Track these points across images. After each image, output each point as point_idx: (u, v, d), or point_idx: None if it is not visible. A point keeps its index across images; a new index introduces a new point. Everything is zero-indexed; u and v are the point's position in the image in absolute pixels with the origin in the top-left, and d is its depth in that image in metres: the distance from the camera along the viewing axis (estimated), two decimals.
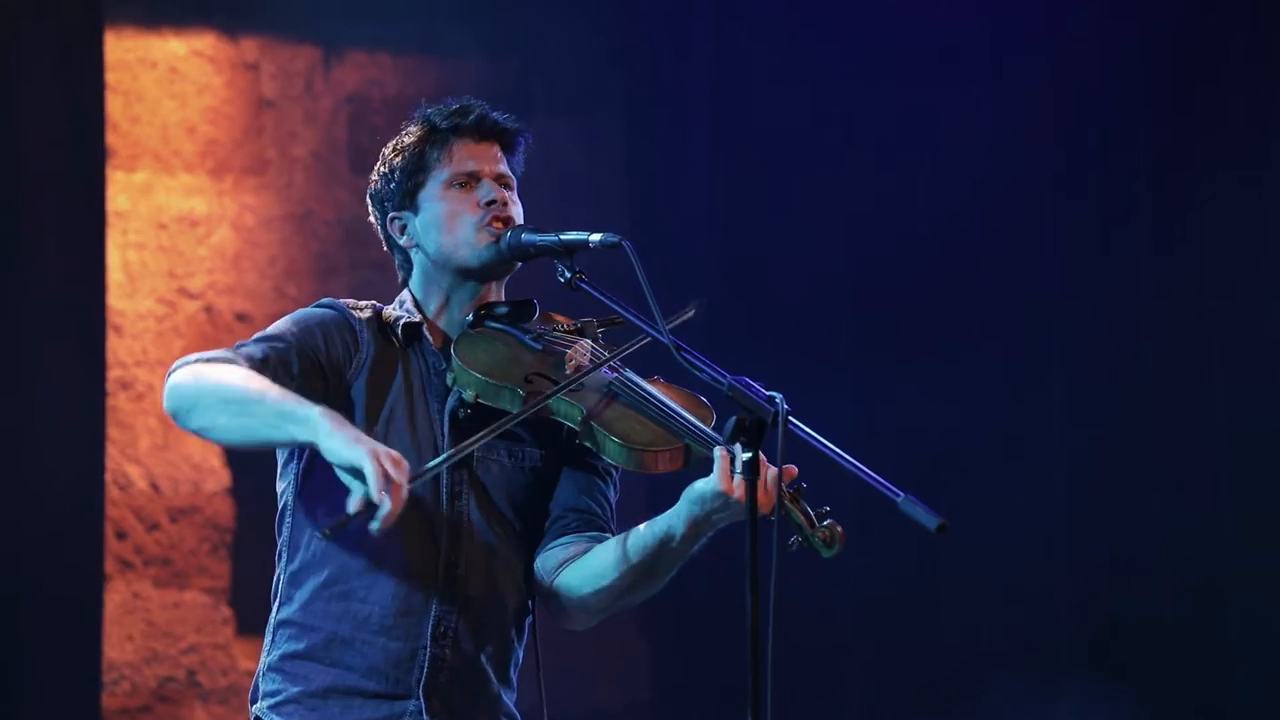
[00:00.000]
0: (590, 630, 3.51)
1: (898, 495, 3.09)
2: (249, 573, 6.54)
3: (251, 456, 3.36)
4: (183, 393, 3.25)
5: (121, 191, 6.56)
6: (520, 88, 6.79)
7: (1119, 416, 6.61)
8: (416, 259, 3.52)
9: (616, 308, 3.37)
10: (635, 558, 3.32)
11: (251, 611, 6.49)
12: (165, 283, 6.63)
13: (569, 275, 3.39)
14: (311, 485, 3.39)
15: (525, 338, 3.45)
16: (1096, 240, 6.69)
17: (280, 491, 3.46)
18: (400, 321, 3.46)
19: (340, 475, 3.12)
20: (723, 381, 3.19)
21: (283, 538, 3.45)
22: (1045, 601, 6.62)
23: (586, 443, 3.33)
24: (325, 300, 3.49)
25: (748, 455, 3.14)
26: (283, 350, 3.34)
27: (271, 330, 3.40)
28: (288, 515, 3.44)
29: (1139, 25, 6.66)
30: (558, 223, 3.43)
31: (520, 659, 3.49)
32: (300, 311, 3.46)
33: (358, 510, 3.08)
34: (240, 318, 6.66)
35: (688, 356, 3.25)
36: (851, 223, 6.83)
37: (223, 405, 3.21)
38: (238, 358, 3.28)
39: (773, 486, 3.16)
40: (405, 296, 3.52)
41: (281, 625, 3.43)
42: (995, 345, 6.68)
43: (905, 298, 6.74)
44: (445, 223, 3.47)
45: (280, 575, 3.45)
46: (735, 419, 3.16)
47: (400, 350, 3.45)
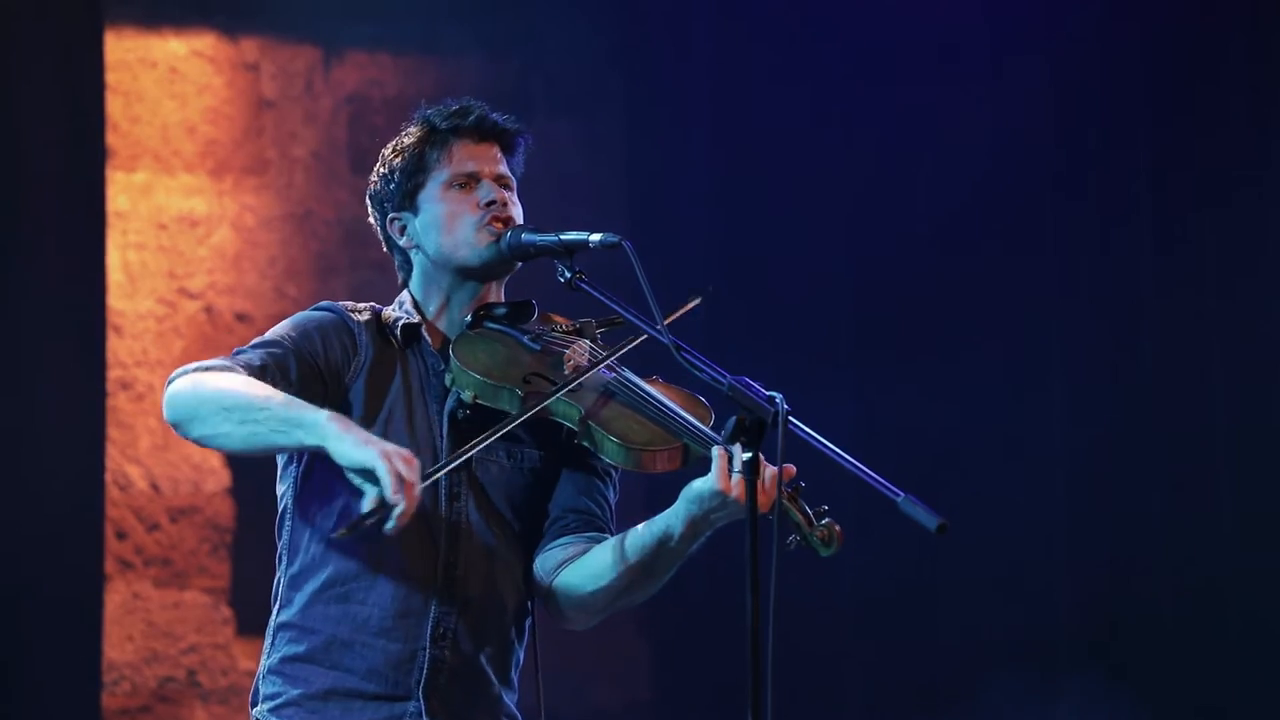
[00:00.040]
0: (590, 630, 3.50)
1: (898, 495, 3.09)
2: (249, 573, 6.54)
3: (251, 457, 3.34)
4: (183, 402, 3.25)
5: (121, 192, 6.56)
6: (520, 88, 6.79)
7: (1119, 416, 6.60)
8: (416, 260, 3.52)
9: (616, 308, 3.37)
10: (633, 558, 3.32)
11: (251, 612, 6.49)
12: (165, 283, 6.62)
13: (569, 275, 3.39)
14: (310, 488, 3.40)
15: (524, 338, 3.44)
16: (1096, 240, 6.68)
17: (280, 495, 3.46)
18: (399, 323, 3.46)
19: (350, 477, 3.12)
20: (723, 381, 3.19)
21: (283, 541, 3.45)
22: (1045, 601, 6.62)
23: (585, 442, 3.33)
24: (324, 303, 3.49)
25: (748, 455, 3.14)
26: (280, 356, 3.34)
27: (269, 336, 3.40)
28: (287, 518, 3.44)
29: (1139, 25, 6.66)
30: (558, 223, 3.43)
31: (521, 660, 3.49)
32: (298, 315, 3.46)
33: (371, 509, 3.08)
34: (240, 318, 6.66)
35: (688, 356, 3.25)
36: (851, 223, 6.83)
37: (225, 413, 3.20)
38: (235, 366, 3.28)
39: (771, 486, 3.16)
40: (405, 297, 3.52)
41: (281, 628, 3.43)
42: (995, 345, 6.68)
43: (905, 298, 6.74)
44: (445, 223, 3.46)
45: (280, 578, 3.45)
46: (735, 419, 3.17)
47: (399, 351, 3.45)
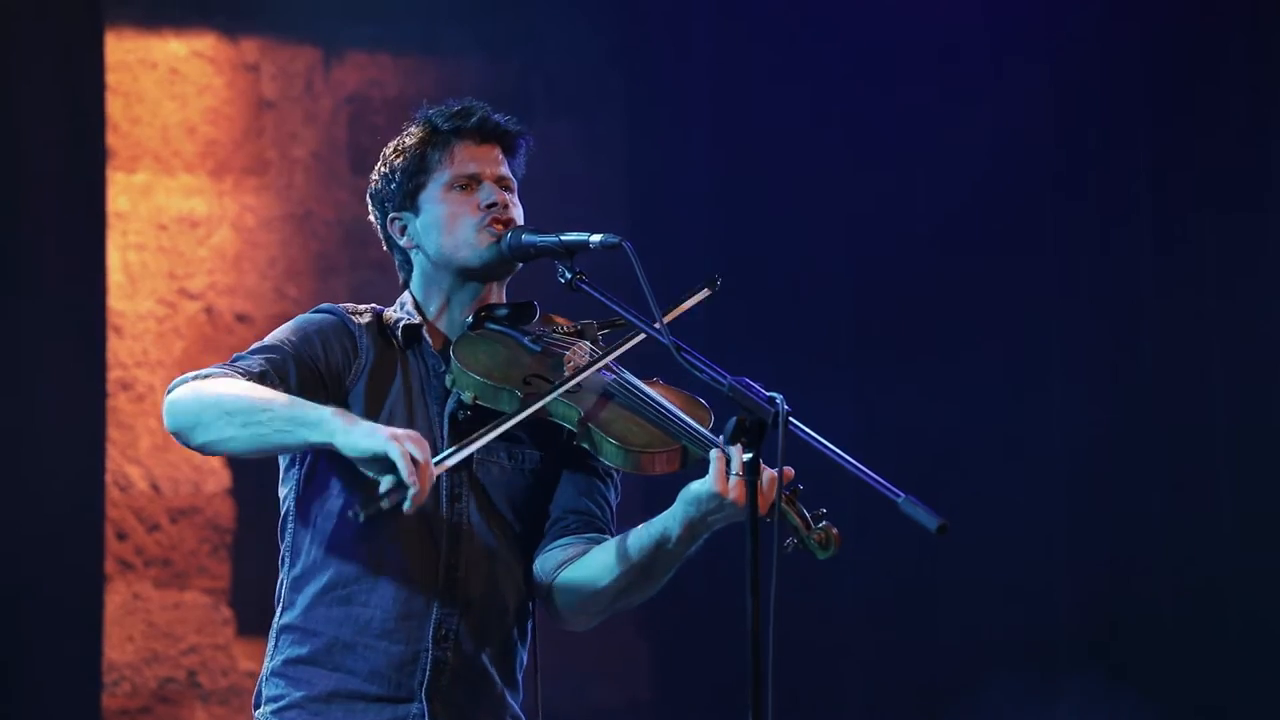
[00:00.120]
0: (590, 630, 3.50)
1: (898, 496, 3.09)
2: (249, 573, 6.54)
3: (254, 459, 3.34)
4: (184, 409, 3.24)
5: (122, 192, 6.56)
6: (520, 88, 6.79)
7: (1119, 416, 6.60)
8: (416, 260, 3.52)
9: (617, 308, 3.36)
10: (632, 559, 3.32)
11: (252, 612, 6.49)
12: (165, 283, 6.62)
13: (569, 276, 3.38)
14: (313, 490, 3.40)
15: (524, 339, 3.44)
16: (1096, 240, 6.68)
17: (283, 497, 3.46)
18: (400, 323, 3.46)
19: (363, 469, 3.13)
20: (723, 382, 3.19)
21: (285, 543, 3.45)
22: (1045, 601, 6.62)
23: (584, 444, 3.33)
24: (324, 306, 3.48)
25: (748, 456, 3.14)
26: (279, 362, 3.34)
27: (268, 341, 3.39)
28: (290, 521, 3.44)
29: (1139, 25, 6.66)
30: (558, 223, 3.43)
31: (524, 660, 3.48)
32: (299, 319, 3.46)
33: (387, 493, 3.09)
34: (240, 318, 6.66)
35: (688, 357, 3.24)
36: (851, 223, 6.82)
37: (228, 417, 3.20)
38: (234, 372, 3.28)
39: (769, 488, 3.16)
40: (406, 298, 3.52)
41: (284, 630, 3.43)
42: (995, 345, 6.68)
43: (905, 298, 6.73)
44: (446, 224, 3.46)
45: (283, 580, 3.45)
46: (735, 420, 3.16)
47: (400, 352, 3.45)
